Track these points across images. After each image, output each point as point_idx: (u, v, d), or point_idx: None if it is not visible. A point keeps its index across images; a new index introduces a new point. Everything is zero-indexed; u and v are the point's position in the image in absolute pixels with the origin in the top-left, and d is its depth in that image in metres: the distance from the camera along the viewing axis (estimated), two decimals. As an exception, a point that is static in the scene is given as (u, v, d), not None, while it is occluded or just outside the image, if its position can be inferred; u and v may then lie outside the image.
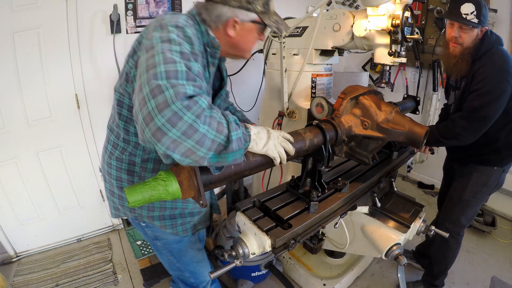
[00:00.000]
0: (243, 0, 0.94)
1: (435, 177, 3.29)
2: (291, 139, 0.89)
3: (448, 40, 1.53)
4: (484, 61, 1.44)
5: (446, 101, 1.83)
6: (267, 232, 0.88)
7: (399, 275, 1.40)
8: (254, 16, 0.97)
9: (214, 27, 0.99)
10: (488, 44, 1.46)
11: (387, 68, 1.43)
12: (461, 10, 1.41)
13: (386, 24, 1.29)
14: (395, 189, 1.39)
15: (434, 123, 3.13)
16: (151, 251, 2.10)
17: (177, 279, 1.38)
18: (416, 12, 2.88)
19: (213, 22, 0.97)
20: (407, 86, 3.20)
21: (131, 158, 1.05)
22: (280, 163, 0.86)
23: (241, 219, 0.97)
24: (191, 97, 0.68)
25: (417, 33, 1.40)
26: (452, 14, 1.45)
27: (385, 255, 1.16)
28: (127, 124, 1.01)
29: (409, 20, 1.30)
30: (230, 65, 2.75)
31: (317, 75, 1.80)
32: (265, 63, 2.02)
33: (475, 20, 1.40)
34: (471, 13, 1.39)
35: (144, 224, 1.18)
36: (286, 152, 0.87)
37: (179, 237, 1.21)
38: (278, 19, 1.03)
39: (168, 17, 0.88)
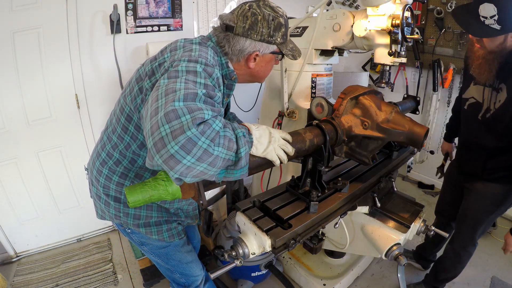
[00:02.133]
0: (265, 34, 0.96)
1: (435, 177, 3.28)
2: (290, 140, 0.89)
3: (472, 38, 1.31)
4: None
5: (453, 99, 1.72)
6: (267, 232, 0.88)
7: (399, 275, 1.40)
8: (274, 48, 1.01)
9: (235, 60, 1.00)
10: None
11: (387, 68, 1.43)
12: (479, 11, 1.12)
13: (386, 24, 1.29)
14: (395, 189, 1.39)
15: (434, 123, 3.14)
16: (151, 251, 2.10)
17: (170, 279, 1.38)
18: (416, 12, 2.88)
19: (235, 56, 0.98)
20: (407, 86, 3.19)
21: (124, 172, 1.05)
22: (281, 162, 0.86)
23: (241, 219, 0.96)
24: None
25: (417, 33, 1.39)
26: (469, 13, 1.16)
27: (385, 255, 1.16)
28: (132, 140, 1.00)
29: (409, 20, 1.30)
30: (230, 65, 2.75)
31: (317, 75, 1.80)
32: (265, 63, 2.01)
33: (496, 27, 1.09)
34: (491, 17, 1.08)
35: (129, 231, 1.17)
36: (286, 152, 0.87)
37: (166, 242, 1.20)
38: (293, 46, 1.07)
39: (197, 49, 0.87)
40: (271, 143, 0.82)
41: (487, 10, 1.09)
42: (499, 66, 1.24)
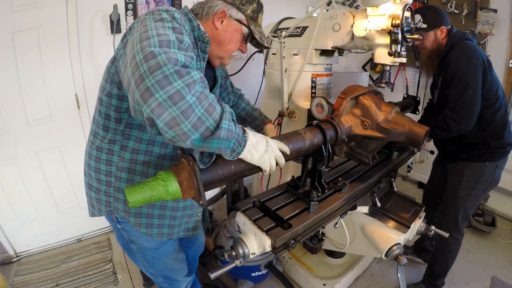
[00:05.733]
0: (237, 0, 1.03)
1: (435, 177, 3.28)
2: (287, 152, 0.88)
3: (419, 48, 1.74)
4: (451, 53, 1.57)
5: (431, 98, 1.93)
6: (267, 232, 0.88)
7: (399, 275, 1.40)
8: (242, 17, 1.05)
9: (205, 19, 1.04)
10: (453, 40, 1.59)
11: (387, 68, 1.42)
12: (415, 21, 1.58)
13: (386, 24, 1.29)
14: (395, 189, 1.39)
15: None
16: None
17: (154, 282, 1.35)
18: (416, 12, 2.88)
19: (205, 14, 1.03)
20: (407, 86, 3.17)
21: (110, 147, 1.03)
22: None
23: (241, 219, 0.96)
24: (185, 66, 0.69)
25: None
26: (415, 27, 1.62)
27: (385, 255, 1.16)
28: (108, 109, 1.00)
29: (409, 20, 1.30)
30: (230, 65, 2.74)
31: (317, 75, 1.80)
32: (265, 63, 2.02)
33: (424, 25, 1.62)
34: (419, 21, 1.63)
35: (120, 226, 1.14)
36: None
37: (154, 243, 1.16)
38: (262, 32, 1.12)
39: (158, 7, 0.93)
40: (267, 152, 0.81)
41: (417, 18, 1.63)
42: (439, 58, 1.64)
